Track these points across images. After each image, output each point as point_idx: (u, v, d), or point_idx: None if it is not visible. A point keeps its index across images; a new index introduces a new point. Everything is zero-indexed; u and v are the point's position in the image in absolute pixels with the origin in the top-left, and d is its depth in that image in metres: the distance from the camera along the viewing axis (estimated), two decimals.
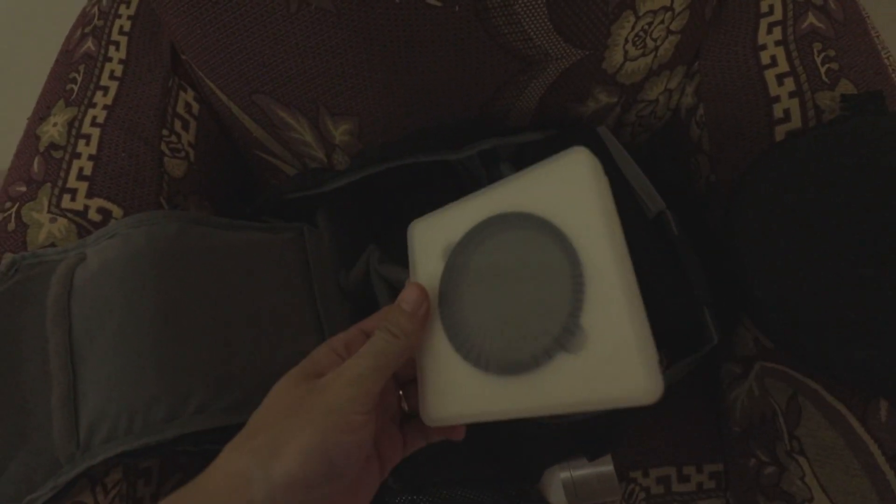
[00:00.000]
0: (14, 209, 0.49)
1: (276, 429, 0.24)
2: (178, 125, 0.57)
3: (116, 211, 0.50)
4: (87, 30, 0.59)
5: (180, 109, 0.58)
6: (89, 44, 0.58)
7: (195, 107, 0.60)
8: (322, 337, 0.44)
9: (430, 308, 0.28)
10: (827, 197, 0.40)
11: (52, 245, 0.47)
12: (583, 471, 0.39)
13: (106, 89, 0.55)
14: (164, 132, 0.56)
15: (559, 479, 0.39)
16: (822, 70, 0.48)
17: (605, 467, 0.39)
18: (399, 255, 0.58)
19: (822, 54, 0.49)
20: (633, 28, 0.50)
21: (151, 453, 0.34)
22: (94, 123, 0.53)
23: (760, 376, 0.48)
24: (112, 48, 0.58)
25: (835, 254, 0.38)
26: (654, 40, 0.52)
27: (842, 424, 0.40)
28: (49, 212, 0.49)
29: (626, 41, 0.51)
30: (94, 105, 0.54)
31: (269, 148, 0.64)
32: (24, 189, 0.50)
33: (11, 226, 0.48)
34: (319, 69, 0.54)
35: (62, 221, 0.48)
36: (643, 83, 0.56)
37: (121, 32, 0.59)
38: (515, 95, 0.55)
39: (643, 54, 0.52)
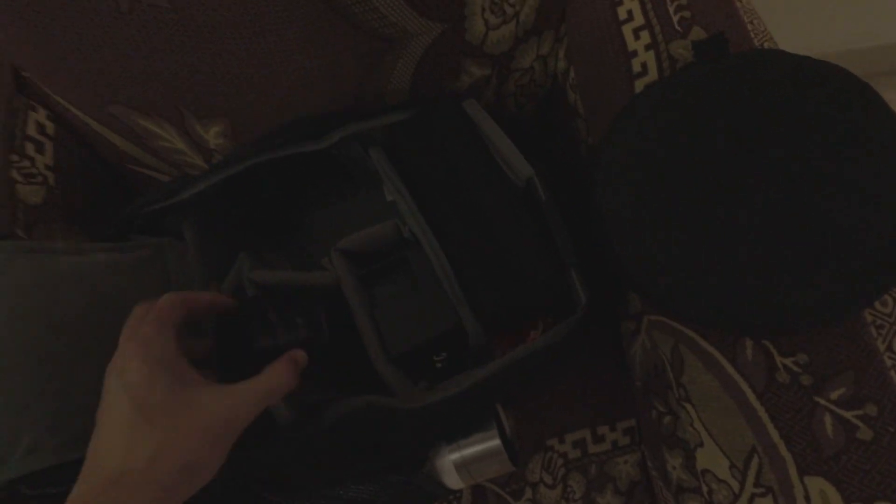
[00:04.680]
0: None
1: None
2: (29, 148, 0.53)
3: None
4: None
5: (31, 131, 0.54)
6: None
7: (49, 126, 0.56)
8: None
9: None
10: (675, 147, 0.40)
11: None
12: (471, 449, 0.39)
13: None
14: (14, 157, 0.52)
15: (450, 461, 0.39)
16: (675, 19, 0.48)
17: (493, 442, 0.39)
18: (273, 258, 0.56)
19: (675, 3, 0.49)
20: None
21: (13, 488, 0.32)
22: None
23: (649, 329, 0.49)
24: None
25: (686, 203, 0.38)
26: (512, 6, 0.51)
27: (716, 367, 0.41)
28: None
29: (483, 10, 0.50)
30: None
31: (141, 160, 0.60)
32: None
33: None
34: (171, 71, 0.51)
35: None
36: (513, 52, 0.55)
37: None
38: (385, 77, 0.54)
39: (504, 22, 0.51)
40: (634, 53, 0.49)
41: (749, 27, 0.49)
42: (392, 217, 0.54)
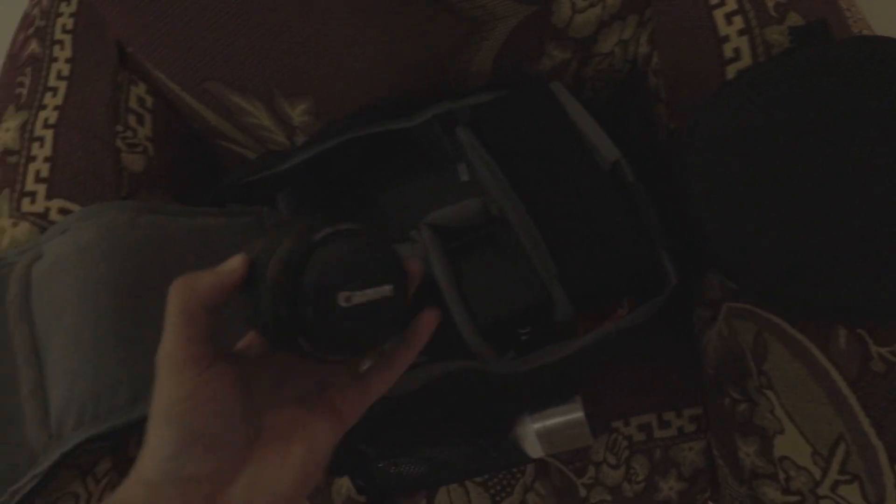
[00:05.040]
0: None
1: None
2: (132, 120, 0.57)
3: (78, 211, 0.50)
4: (30, 32, 0.58)
5: (133, 104, 0.58)
6: (34, 45, 0.57)
7: (149, 100, 0.59)
8: None
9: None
10: (773, 131, 0.40)
11: (9, 249, 0.47)
12: (554, 420, 0.40)
13: (55, 90, 0.55)
14: (119, 128, 0.55)
15: (532, 430, 0.40)
16: (770, 4, 0.48)
17: (576, 414, 0.40)
18: None
19: None
20: None
21: (121, 435, 0.34)
22: (46, 125, 0.53)
23: (728, 317, 0.49)
24: (57, 48, 0.57)
25: (782, 188, 0.38)
26: None
27: (805, 355, 0.41)
28: (10, 217, 0.49)
29: None
30: (44, 107, 0.54)
31: (229, 136, 0.63)
32: None
33: None
34: (268, 49, 0.53)
35: (24, 225, 0.48)
36: (596, 35, 0.55)
37: (64, 31, 0.58)
38: (468, 59, 0.55)
39: (591, 5, 0.52)
40: (726, 38, 0.48)
41: (847, 14, 0.48)
42: (465, 196, 0.55)
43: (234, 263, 0.23)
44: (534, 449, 0.41)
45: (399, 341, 0.27)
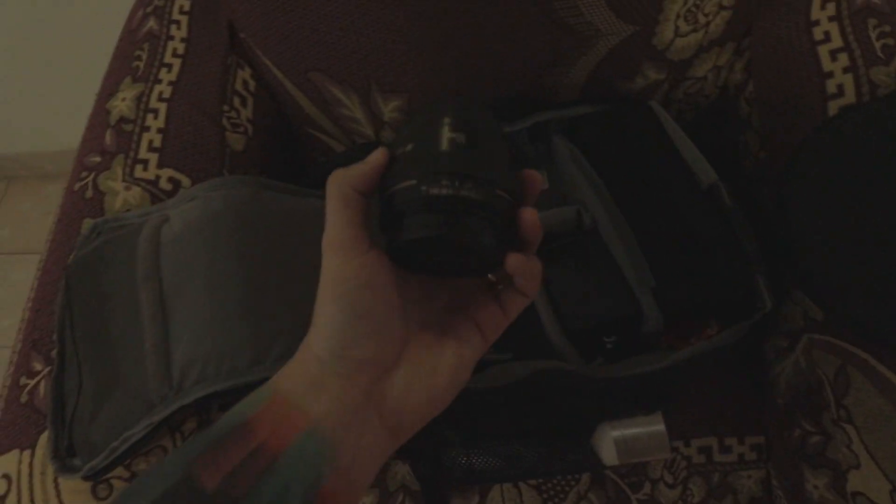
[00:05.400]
0: (91, 178, 0.52)
1: None
2: (237, 101, 0.60)
3: (185, 181, 0.53)
4: (148, 10, 0.62)
5: (238, 86, 0.60)
6: (152, 23, 0.61)
7: (252, 84, 0.62)
8: None
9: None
10: (879, 170, 0.41)
11: (128, 211, 0.50)
12: (634, 429, 0.41)
13: (170, 66, 0.58)
14: (225, 108, 0.58)
15: (611, 436, 0.41)
16: (878, 45, 0.48)
17: (657, 426, 0.41)
18: None
19: (878, 30, 0.49)
20: (685, 3, 0.50)
21: (237, 395, 0.36)
22: (160, 98, 0.56)
23: (808, 349, 0.49)
24: (174, 27, 0.60)
25: (886, 225, 0.39)
26: (706, 16, 0.52)
27: (891, 391, 0.41)
28: (123, 181, 0.52)
29: (678, 16, 0.51)
30: (159, 81, 0.57)
31: (320, 124, 0.66)
32: (98, 159, 0.53)
33: (89, 193, 0.51)
34: (375, 46, 0.55)
35: (136, 189, 0.51)
36: (692, 60, 0.56)
37: (181, 12, 0.61)
38: (564, 71, 0.56)
39: (694, 30, 0.53)
40: (830, 75, 0.49)
41: None
42: (551, 202, 0.57)
43: (378, 155, 0.25)
44: (609, 456, 0.42)
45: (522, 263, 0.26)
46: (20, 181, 1.35)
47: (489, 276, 0.27)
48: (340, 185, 0.24)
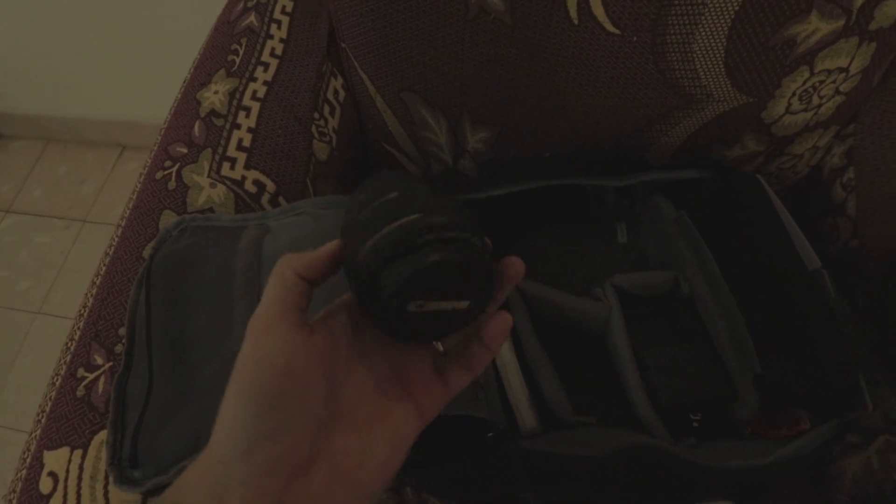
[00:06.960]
0: (175, 169, 0.51)
1: None
2: (326, 110, 0.59)
3: (270, 185, 0.51)
4: (249, 4, 0.61)
5: (329, 95, 0.59)
6: (252, 18, 0.60)
7: (342, 94, 0.61)
8: None
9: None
10: None
11: (210, 209, 0.49)
12: None
13: (266, 65, 0.57)
14: (315, 115, 0.57)
15: None
16: None
17: None
18: None
19: None
20: (804, 83, 0.50)
21: None
22: (254, 97, 0.55)
23: (884, 451, 0.47)
24: (274, 26, 0.59)
25: None
26: (821, 98, 0.51)
27: None
28: (209, 176, 0.50)
29: (794, 95, 0.50)
30: (254, 79, 0.56)
31: (398, 143, 0.65)
32: (185, 151, 0.52)
33: (172, 184, 0.50)
34: (477, 77, 0.55)
35: (221, 188, 0.50)
36: (794, 137, 0.55)
37: (283, 12, 0.60)
38: (664, 131, 0.55)
39: (805, 110, 0.52)
40: None
41: None
42: (624, 257, 0.55)
43: (329, 245, 0.24)
44: None
45: (479, 343, 0.25)
46: (59, 144, 1.34)
47: (436, 344, 0.26)
48: (282, 267, 0.23)
